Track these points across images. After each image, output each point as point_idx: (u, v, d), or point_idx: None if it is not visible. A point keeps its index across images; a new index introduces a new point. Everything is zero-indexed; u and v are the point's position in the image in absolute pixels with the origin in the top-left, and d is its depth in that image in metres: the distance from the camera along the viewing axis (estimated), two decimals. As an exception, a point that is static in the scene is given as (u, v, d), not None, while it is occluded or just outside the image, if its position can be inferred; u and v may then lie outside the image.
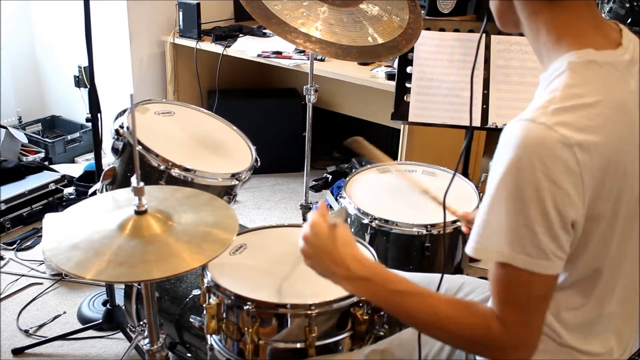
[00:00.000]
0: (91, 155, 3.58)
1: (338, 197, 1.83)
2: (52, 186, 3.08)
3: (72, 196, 3.08)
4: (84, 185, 3.09)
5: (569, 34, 0.95)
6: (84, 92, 3.31)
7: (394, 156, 2.85)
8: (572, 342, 1.02)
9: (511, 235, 0.90)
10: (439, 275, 1.23)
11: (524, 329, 0.94)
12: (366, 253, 1.45)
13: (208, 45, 3.23)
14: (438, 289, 1.21)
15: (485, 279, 1.51)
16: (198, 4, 3.22)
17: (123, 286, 2.01)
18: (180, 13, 3.28)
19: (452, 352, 1.23)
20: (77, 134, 3.73)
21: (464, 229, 1.62)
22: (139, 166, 1.13)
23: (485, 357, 1.01)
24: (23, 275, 2.62)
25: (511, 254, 0.90)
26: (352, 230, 1.75)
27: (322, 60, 2.89)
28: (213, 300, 1.33)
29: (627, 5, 2.41)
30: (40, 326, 2.31)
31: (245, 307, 1.25)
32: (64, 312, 2.39)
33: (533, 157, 0.87)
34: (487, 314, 0.96)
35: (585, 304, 1.00)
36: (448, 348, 1.24)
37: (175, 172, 1.65)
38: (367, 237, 1.68)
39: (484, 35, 2.10)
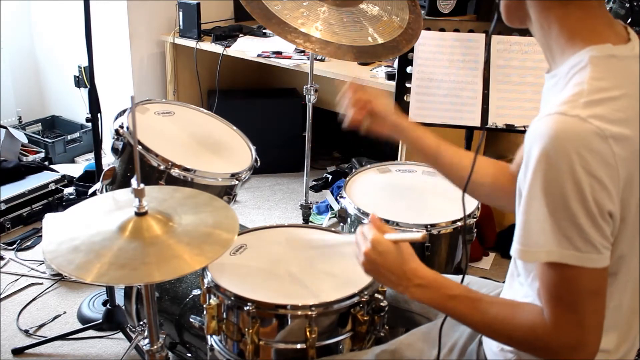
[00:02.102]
0: (91, 155, 3.58)
1: (338, 197, 1.83)
2: (52, 186, 3.08)
3: (72, 196, 3.08)
4: (84, 185, 3.08)
5: (583, 30, 0.95)
6: (84, 92, 3.31)
7: (394, 156, 2.85)
8: None
9: (557, 232, 0.89)
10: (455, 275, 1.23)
11: (576, 328, 0.92)
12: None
13: (208, 45, 3.23)
14: None
15: (488, 278, 1.52)
16: (198, 4, 3.22)
17: (123, 286, 2.01)
18: (180, 13, 3.28)
19: (463, 351, 1.23)
20: (77, 134, 3.73)
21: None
22: (139, 167, 1.13)
23: (543, 358, 1.00)
24: (23, 275, 2.62)
25: (561, 252, 0.89)
26: (352, 230, 1.75)
27: (322, 60, 2.88)
28: (213, 300, 1.33)
29: (627, 5, 2.41)
30: (40, 326, 2.31)
31: (245, 308, 1.25)
32: (64, 312, 2.39)
33: (570, 150, 0.86)
34: (534, 312, 0.96)
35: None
36: (459, 347, 1.23)
37: (175, 172, 1.65)
38: (367, 238, 1.68)
39: (484, 34, 2.11)
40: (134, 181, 1.11)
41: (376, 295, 1.33)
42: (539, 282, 0.95)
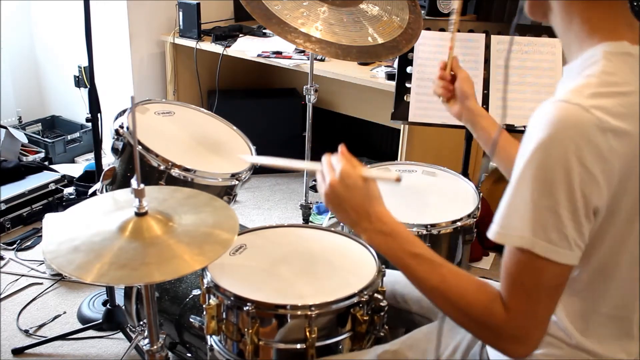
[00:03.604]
0: (91, 155, 3.58)
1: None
2: (52, 186, 3.08)
3: (72, 196, 3.08)
4: (84, 185, 3.09)
5: (603, 27, 0.95)
6: (84, 92, 3.32)
7: (394, 156, 2.85)
8: (585, 344, 1.00)
9: (534, 219, 0.88)
10: None
11: (529, 318, 0.92)
12: (366, 253, 1.45)
13: (208, 45, 3.23)
14: None
15: (488, 278, 1.52)
16: (198, 4, 3.22)
17: (123, 286, 2.01)
18: (180, 13, 3.28)
19: (466, 352, 1.22)
20: (77, 134, 3.73)
21: (438, 90, 1.59)
22: (139, 167, 1.13)
23: (486, 342, 0.99)
24: (23, 275, 2.62)
25: (532, 240, 0.89)
26: (352, 230, 1.75)
27: (322, 60, 2.89)
28: (213, 300, 1.33)
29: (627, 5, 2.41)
30: (40, 326, 2.31)
31: (245, 308, 1.25)
32: (64, 312, 2.39)
33: (566, 138, 0.85)
34: (494, 294, 0.95)
35: (600, 304, 0.99)
36: (462, 348, 1.23)
37: (175, 172, 1.65)
38: (367, 238, 1.68)
39: (484, 34, 2.11)
40: (134, 181, 1.11)
41: (376, 295, 1.33)
42: (503, 264, 0.94)
